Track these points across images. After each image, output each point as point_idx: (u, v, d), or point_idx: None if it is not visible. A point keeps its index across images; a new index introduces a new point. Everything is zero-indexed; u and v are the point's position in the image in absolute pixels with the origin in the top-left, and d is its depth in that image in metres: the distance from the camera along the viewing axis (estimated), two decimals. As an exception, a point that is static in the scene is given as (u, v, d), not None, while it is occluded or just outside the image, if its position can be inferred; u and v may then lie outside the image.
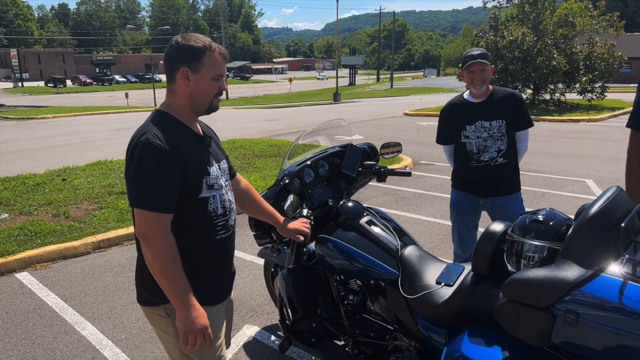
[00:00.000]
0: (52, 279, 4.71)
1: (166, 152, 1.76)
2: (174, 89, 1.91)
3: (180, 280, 1.79)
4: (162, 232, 1.77)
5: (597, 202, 1.76)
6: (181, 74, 1.86)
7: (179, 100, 1.91)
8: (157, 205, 1.76)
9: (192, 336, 1.81)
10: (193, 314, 1.80)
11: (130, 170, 1.79)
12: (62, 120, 22.20)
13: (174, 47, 1.87)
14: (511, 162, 3.46)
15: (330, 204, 2.84)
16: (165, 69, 1.92)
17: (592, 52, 20.28)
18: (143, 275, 1.91)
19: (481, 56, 3.26)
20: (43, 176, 8.38)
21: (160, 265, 1.76)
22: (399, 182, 8.03)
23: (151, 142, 1.75)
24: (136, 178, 1.77)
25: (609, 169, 8.94)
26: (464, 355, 1.86)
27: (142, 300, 1.99)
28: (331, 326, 2.84)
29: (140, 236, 1.79)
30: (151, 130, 1.80)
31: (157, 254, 1.76)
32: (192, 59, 1.86)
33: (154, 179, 1.75)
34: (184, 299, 1.79)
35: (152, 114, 1.93)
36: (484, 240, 2.05)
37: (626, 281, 1.55)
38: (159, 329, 2.00)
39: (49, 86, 64.69)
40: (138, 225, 1.78)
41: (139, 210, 1.77)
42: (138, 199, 1.77)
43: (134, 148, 1.79)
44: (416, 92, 41.46)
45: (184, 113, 1.93)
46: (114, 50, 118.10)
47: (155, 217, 1.76)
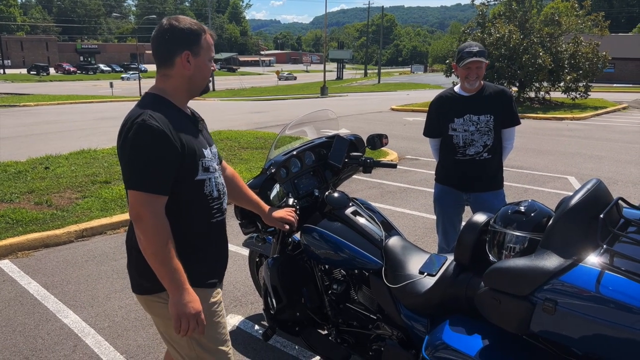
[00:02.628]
0: (33, 267, 4.66)
1: (163, 133, 1.73)
2: (170, 73, 1.87)
3: (173, 264, 1.75)
4: (156, 214, 1.73)
5: (577, 194, 1.80)
6: (183, 58, 1.83)
7: (176, 83, 1.88)
8: (151, 186, 1.73)
9: (185, 321, 1.78)
10: (186, 297, 1.77)
11: (125, 151, 1.76)
12: (45, 109, 21.86)
13: (171, 30, 1.83)
14: (496, 158, 3.50)
15: (316, 194, 2.86)
16: (159, 53, 1.86)
17: (577, 51, 20.52)
18: (141, 263, 1.84)
19: (480, 54, 3.28)
20: (25, 164, 8.27)
21: (153, 247, 1.73)
22: (385, 176, 8.07)
23: (147, 123, 1.73)
24: (131, 159, 1.74)
25: (590, 166, 9.09)
26: (445, 343, 1.90)
27: (139, 289, 1.94)
28: (315, 315, 2.86)
29: (133, 218, 1.75)
30: (147, 112, 1.77)
31: (150, 236, 1.72)
32: (192, 42, 1.84)
33: (150, 160, 1.72)
34: (177, 282, 1.76)
35: (145, 97, 1.89)
36: (466, 231, 2.09)
37: (603, 271, 1.58)
38: (161, 316, 1.94)
39: (31, 74, 63.63)
40: (131, 206, 1.75)
41: (133, 191, 1.74)
42: (132, 180, 1.74)
43: (128, 129, 1.76)
44: (403, 88, 41.58)
45: (179, 96, 1.91)
46: (99, 38, 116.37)
47: (150, 199, 1.73)
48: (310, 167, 2.97)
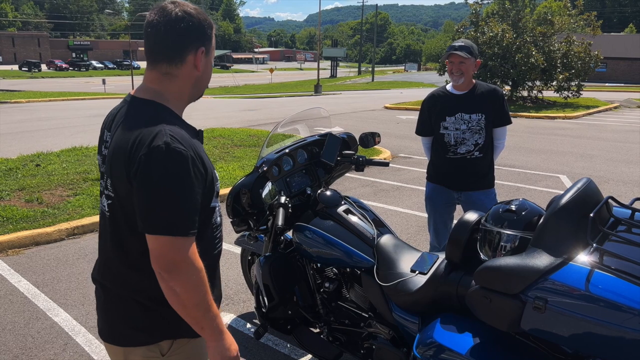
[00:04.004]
0: (24, 265, 4.63)
1: (191, 159, 1.39)
2: (176, 72, 1.50)
3: (214, 309, 1.49)
4: (195, 258, 1.41)
5: (568, 193, 1.81)
6: (198, 55, 1.50)
7: (179, 86, 1.53)
8: (188, 227, 1.39)
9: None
10: (227, 341, 1.54)
11: (146, 186, 1.36)
12: (36, 105, 21.70)
13: (187, 19, 1.46)
14: (487, 157, 3.51)
15: (309, 192, 2.85)
16: (166, 46, 1.47)
17: (569, 50, 20.63)
18: (128, 310, 1.55)
19: (461, 48, 3.29)
20: (16, 161, 8.20)
21: (196, 298, 1.42)
22: (378, 174, 8.08)
23: (173, 149, 1.36)
24: (158, 197, 1.36)
25: (581, 165, 9.14)
26: (436, 342, 1.90)
27: (122, 341, 1.58)
28: (307, 314, 2.86)
29: (165, 268, 1.39)
30: (165, 131, 1.39)
31: (192, 285, 1.40)
32: (207, 37, 1.52)
33: (182, 195, 1.37)
34: (219, 328, 1.50)
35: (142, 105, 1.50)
36: (457, 229, 2.09)
37: (593, 269, 1.59)
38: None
39: (23, 70, 63.10)
40: (162, 255, 1.38)
41: (160, 237, 1.37)
42: (160, 224, 1.36)
43: (147, 156, 1.36)
44: (397, 86, 41.61)
45: (180, 102, 1.56)
46: (92, 35, 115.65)
47: (186, 242, 1.39)
48: (302, 165, 2.97)
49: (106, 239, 1.58)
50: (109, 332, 1.61)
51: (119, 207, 1.48)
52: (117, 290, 1.57)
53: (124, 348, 1.59)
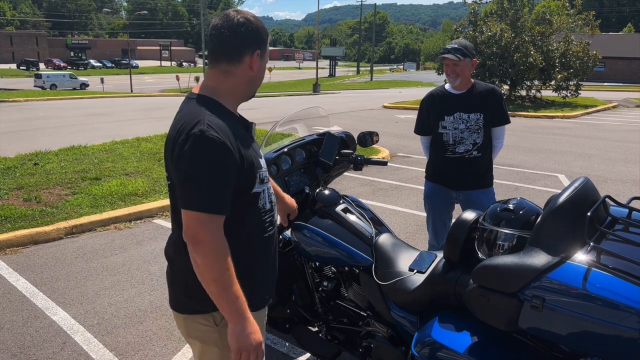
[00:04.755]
0: (22, 263, 4.63)
1: (224, 145, 1.56)
2: (233, 71, 1.69)
3: (234, 290, 1.57)
4: (216, 235, 1.56)
5: (565, 192, 1.81)
6: (253, 58, 1.68)
7: (234, 84, 1.71)
8: (212, 206, 1.55)
9: (246, 354, 1.61)
10: (248, 328, 1.60)
11: (181, 167, 1.56)
12: (34, 104, 21.66)
13: (246, 25, 1.66)
14: (485, 156, 3.51)
15: (307, 191, 2.85)
16: (226, 47, 1.66)
17: (567, 50, 20.66)
18: (186, 281, 1.69)
19: (455, 50, 3.27)
20: (14, 160, 8.20)
21: (213, 273, 1.55)
22: (376, 173, 8.08)
23: (207, 135, 1.54)
24: (189, 176, 1.55)
25: (580, 164, 9.16)
26: (434, 340, 1.90)
27: (183, 309, 1.77)
28: (305, 312, 2.86)
29: (190, 240, 1.56)
30: (204, 120, 1.57)
31: (210, 260, 1.54)
32: (263, 42, 1.71)
33: (210, 177, 1.54)
34: (238, 311, 1.58)
35: (192, 101, 1.70)
36: (456, 228, 2.09)
37: (590, 268, 1.59)
38: (200, 340, 1.77)
39: (21, 69, 63.05)
40: (187, 227, 1.56)
41: (190, 212, 1.55)
42: (190, 199, 1.55)
43: (184, 141, 1.56)
44: (395, 85, 41.63)
45: (233, 99, 1.73)
46: (90, 34, 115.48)
47: (210, 219, 1.55)
48: (301, 164, 2.97)
49: (172, 218, 1.77)
50: (173, 300, 1.81)
51: (173, 188, 1.67)
52: (180, 262, 1.72)
53: (184, 316, 1.77)
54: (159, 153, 9.15)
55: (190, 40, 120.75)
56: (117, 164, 8.16)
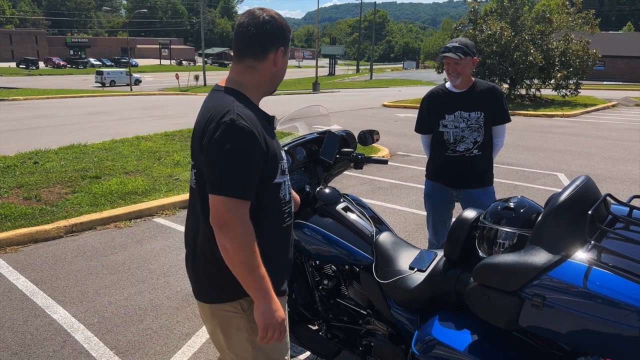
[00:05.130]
0: (22, 262, 4.63)
1: (252, 134, 1.64)
2: (258, 66, 1.77)
3: (260, 271, 1.66)
4: (244, 220, 1.63)
5: (566, 190, 1.81)
6: (277, 54, 1.77)
7: (259, 79, 1.79)
8: (240, 191, 1.62)
9: (272, 330, 1.70)
10: (273, 306, 1.69)
11: (211, 153, 1.63)
12: (34, 103, 21.65)
13: (271, 23, 1.74)
14: (486, 155, 3.51)
15: (307, 190, 2.85)
16: (252, 43, 1.74)
17: (567, 48, 20.65)
18: (212, 271, 1.77)
19: (455, 49, 3.27)
20: (14, 159, 8.19)
21: (241, 256, 1.62)
22: (376, 172, 8.08)
23: (237, 124, 1.62)
24: (219, 162, 1.62)
25: (579, 163, 9.16)
26: (434, 339, 1.91)
27: (209, 298, 1.83)
28: (305, 311, 2.86)
29: (218, 225, 1.62)
30: (234, 110, 1.65)
31: (238, 244, 1.62)
32: (287, 39, 1.79)
33: (239, 164, 1.62)
34: (264, 290, 1.67)
35: (220, 92, 1.78)
36: (456, 227, 2.09)
37: (591, 266, 1.60)
38: (227, 327, 1.84)
39: (20, 67, 62.94)
40: (216, 212, 1.62)
41: (219, 197, 1.61)
42: (219, 185, 1.62)
43: (215, 129, 1.63)
44: (395, 84, 41.62)
45: (258, 92, 1.82)
46: (89, 32, 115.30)
47: (237, 204, 1.62)
48: (301, 162, 2.97)
49: (195, 208, 1.81)
50: (199, 291, 1.85)
51: (200, 175, 1.73)
52: (204, 252, 1.78)
53: (210, 305, 1.83)
54: (159, 152, 9.15)
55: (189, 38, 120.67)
56: (117, 162, 8.16)
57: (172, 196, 6.36)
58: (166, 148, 9.49)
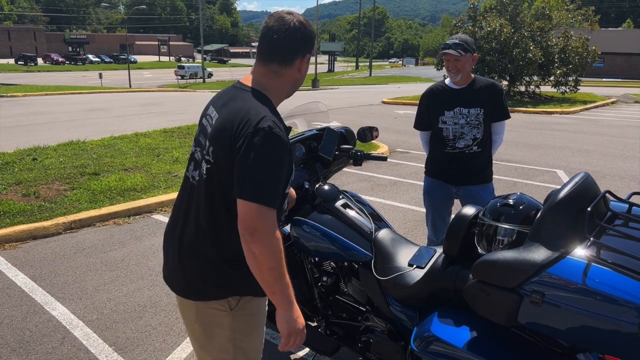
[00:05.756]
0: (21, 259, 4.62)
1: (286, 144, 1.65)
2: (283, 72, 1.77)
3: (286, 279, 1.66)
4: (274, 227, 1.62)
5: (565, 187, 1.81)
6: (303, 61, 1.78)
7: (282, 84, 1.80)
8: (274, 199, 1.61)
9: (294, 336, 1.72)
10: (295, 313, 1.71)
11: (247, 158, 1.59)
12: (32, 99, 21.60)
13: (302, 30, 1.74)
14: (485, 151, 3.51)
15: (306, 186, 2.85)
16: (281, 48, 1.73)
17: (567, 45, 20.64)
18: (206, 269, 1.77)
19: (455, 46, 3.26)
20: (12, 155, 8.18)
21: (271, 263, 1.61)
22: (375, 169, 8.08)
23: (275, 133, 1.61)
24: (254, 168, 1.60)
25: (578, 160, 9.16)
26: (433, 335, 1.91)
27: (197, 295, 1.82)
28: (304, 307, 2.86)
29: (249, 231, 1.60)
30: (269, 117, 1.64)
31: (269, 250, 1.60)
32: (313, 46, 1.80)
33: (275, 173, 1.62)
34: (289, 298, 1.68)
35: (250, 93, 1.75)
36: (455, 224, 2.09)
37: (590, 263, 1.59)
38: (211, 325, 1.85)
39: (19, 64, 62.85)
40: (246, 219, 1.60)
41: (252, 203, 1.59)
42: (252, 191, 1.59)
43: (253, 134, 1.60)
44: (394, 81, 41.58)
45: (279, 97, 1.83)
46: (88, 29, 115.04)
47: (268, 212, 1.60)
48: (300, 159, 2.96)
49: (191, 202, 1.79)
50: (185, 288, 1.83)
51: (215, 172, 1.70)
52: (200, 251, 1.77)
53: (196, 302, 1.82)
54: (158, 148, 9.14)
55: (188, 35, 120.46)
56: (115, 159, 8.15)
57: (171, 193, 6.35)
58: (165, 145, 9.47)
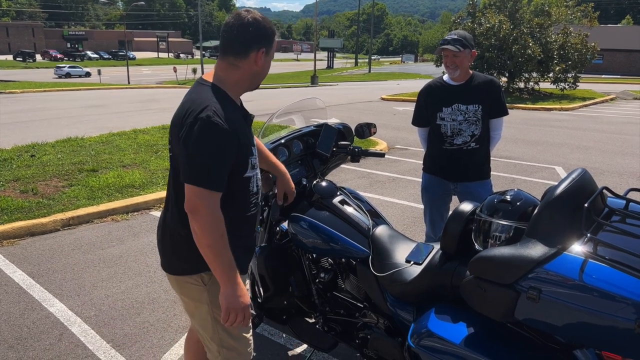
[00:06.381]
0: (19, 255, 4.62)
1: (226, 131, 1.76)
2: (239, 64, 1.89)
3: (227, 257, 1.80)
4: (212, 208, 1.78)
5: (563, 183, 1.81)
6: (258, 54, 1.87)
7: (240, 76, 1.91)
8: (210, 182, 1.77)
9: (234, 314, 1.84)
10: (238, 291, 1.82)
11: (187, 146, 1.77)
12: (31, 96, 21.56)
13: (254, 25, 1.85)
14: (483, 148, 3.50)
15: (304, 183, 2.84)
16: (235, 42, 1.86)
17: (566, 42, 20.61)
18: (179, 246, 1.93)
19: (454, 42, 3.25)
20: (10, 152, 8.16)
21: (208, 240, 1.77)
22: (374, 165, 8.07)
23: (212, 121, 1.74)
24: (193, 154, 1.76)
25: (577, 157, 9.16)
26: (430, 331, 1.90)
27: (173, 270, 2.01)
28: (302, 304, 2.86)
29: (189, 210, 1.78)
30: (211, 107, 1.78)
31: (206, 229, 1.77)
32: (269, 40, 1.90)
33: (211, 158, 1.76)
34: (230, 275, 1.81)
35: (202, 86, 1.89)
36: (452, 220, 2.09)
37: (587, 259, 1.59)
38: (191, 298, 2.01)
39: (17, 60, 62.73)
40: (188, 199, 1.77)
41: (192, 186, 1.76)
42: (192, 175, 1.77)
43: (192, 123, 1.76)
44: (394, 77, 41.53)
45: (237, 89, 1.93)
46: (86, 25, 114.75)
47: (207, 194, 1.76)
48: (298, 155, 2.96)
49: (169, 190, 1.99)
50: (166, 263, 2.03)
51: (175, 161, 1.89)
52: (173, 228, 1.95)
53: (175, 276, 2.01)
54: (156, 145, 9.12)
55: (187, 31, 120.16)
56: (114, 155, 8.14)
57: (170, 189, 6.34)
58: (164, 141, 9.46)
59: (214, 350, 2.06)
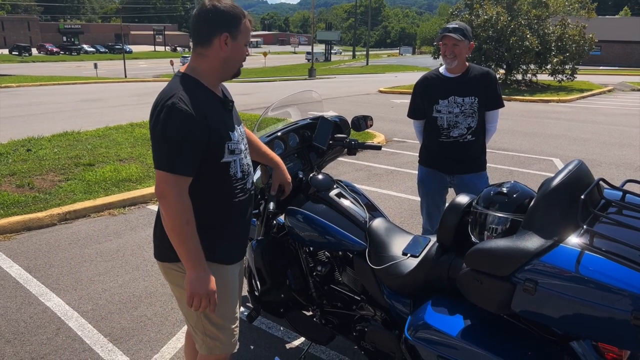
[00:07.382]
0: (15, 250, 4.60)
1: (191, 117, 1.79)
2: (206, 52, 1.90)
3: (192, 243, 1.84)
4: (178, 193, 1.81)
5: (559, 175, 1.80)
6: (221, 40, 1.87)
7: (210, 64, 1.92)
8: (176, 168, 1.80)
9: (198, 299, 1.86)
10: (202, 277, 1.85)
11: (155, 132, 1.82)
12: (27, 90, 21.45)
13: (213, 11, 1.86)
14: (479, 140, 3.49)
15: (300, 176, 2.83)
16: (197, 31, 1.89)
17: (564, 33, 20.56)
18: (162, 232, 1.95)
19: (455, 30, 3.25)
20: (6, 146, 8.12)
21: (173, 225, 1.81)
22: (371, 158, 8.06)
23: (177, 107, 1.78)
24: (159, 140, 1.81)
25: (575, 148, 9.16)
26: (427, 324, 1.90)
27: (160, 256, 2.05)
28: (299, 297, 2.86)
29: (158, 195, 1.83)
30: (177, 94, 1.81)
31: (172, 214, 1.81)
32: (232, 25, 1.88)
33: (177, 143, 1.79)
34: (194, 261, 1.85)
35: (176, 77, 1.93)
36: (449, 212, 2.08)
37: (583, 251, 1.59)
38: (175, 284, 2.06)
39: (13, 54, 62.38)
40: (157, 184, 1.83)
41: (159, 171, 1.81)
42: (159, 161, 1.82)
43: (159, 111, 1.81)
44: (391, 70, 41.44)
45: (211, 77, 1.95)
46: (82, 18, 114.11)
47: (174, 179, 1.80)
48: (294, 149, 2.95)
49: None
50: (155, 250, 2.08)
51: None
52: (159, 217, 1.97)
53: (162, 263, 2.06)
54: (153, 138, 9.08)
55: (184, 24, 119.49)
56: (110, 149, 8.11)
57: (167, 183, 6.32)
58: (160, 135, 9.42)
59: (199, 340, 2.10)
